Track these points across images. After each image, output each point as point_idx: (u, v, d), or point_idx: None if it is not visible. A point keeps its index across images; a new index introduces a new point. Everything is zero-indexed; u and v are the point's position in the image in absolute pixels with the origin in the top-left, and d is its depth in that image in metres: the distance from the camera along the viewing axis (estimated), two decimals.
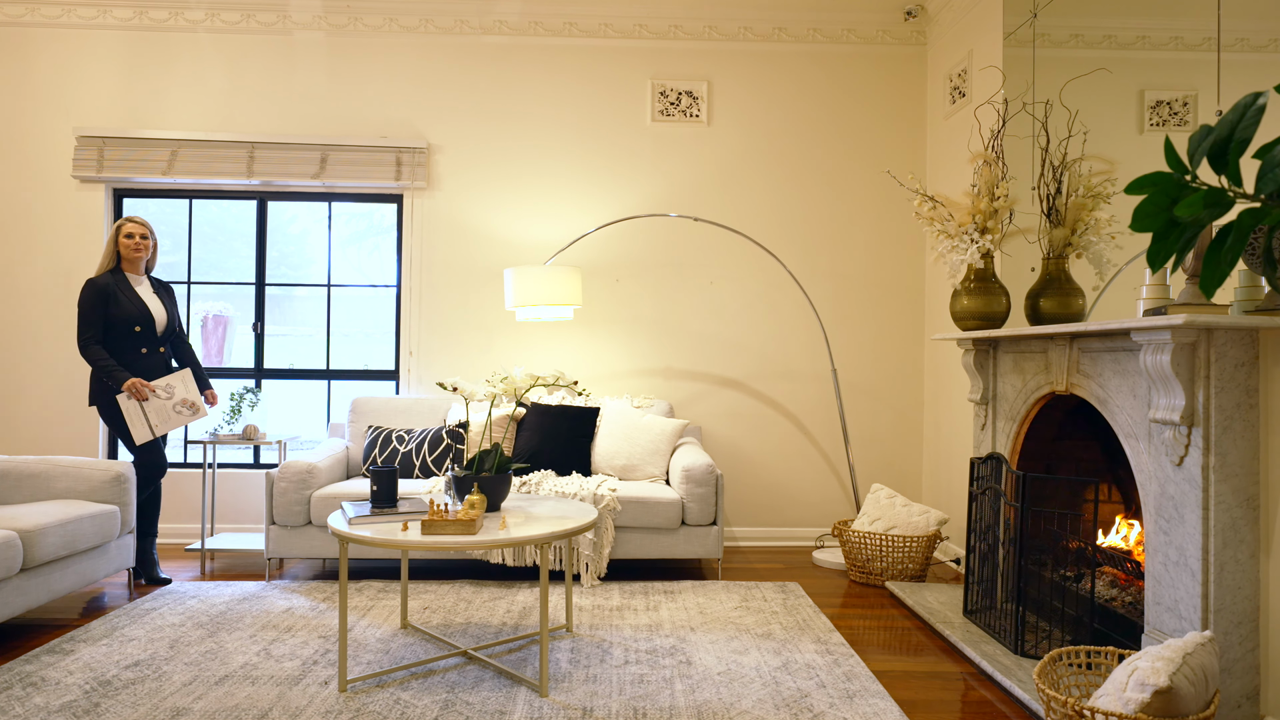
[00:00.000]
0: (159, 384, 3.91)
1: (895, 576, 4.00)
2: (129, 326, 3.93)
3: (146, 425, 3.85)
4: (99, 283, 3.92)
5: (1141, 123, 3.77)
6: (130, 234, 4.00)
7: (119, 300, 3.92)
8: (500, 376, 3.05)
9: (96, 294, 3.89)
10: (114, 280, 3.96)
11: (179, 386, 3.95)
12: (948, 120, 4.74)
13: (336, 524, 2.74)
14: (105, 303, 3.90)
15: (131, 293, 3.97)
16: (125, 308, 3.93)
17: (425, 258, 4.94)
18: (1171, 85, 3.70)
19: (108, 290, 3.92)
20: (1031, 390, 3.37)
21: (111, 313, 3.91)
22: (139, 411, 3.84)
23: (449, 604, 3.59)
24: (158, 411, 3.87)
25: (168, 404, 3.90)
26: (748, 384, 4.98)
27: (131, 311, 3.94)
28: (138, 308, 3.96)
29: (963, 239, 3.73)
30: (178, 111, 4.88)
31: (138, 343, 3.96)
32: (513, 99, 4.95)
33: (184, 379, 3.96)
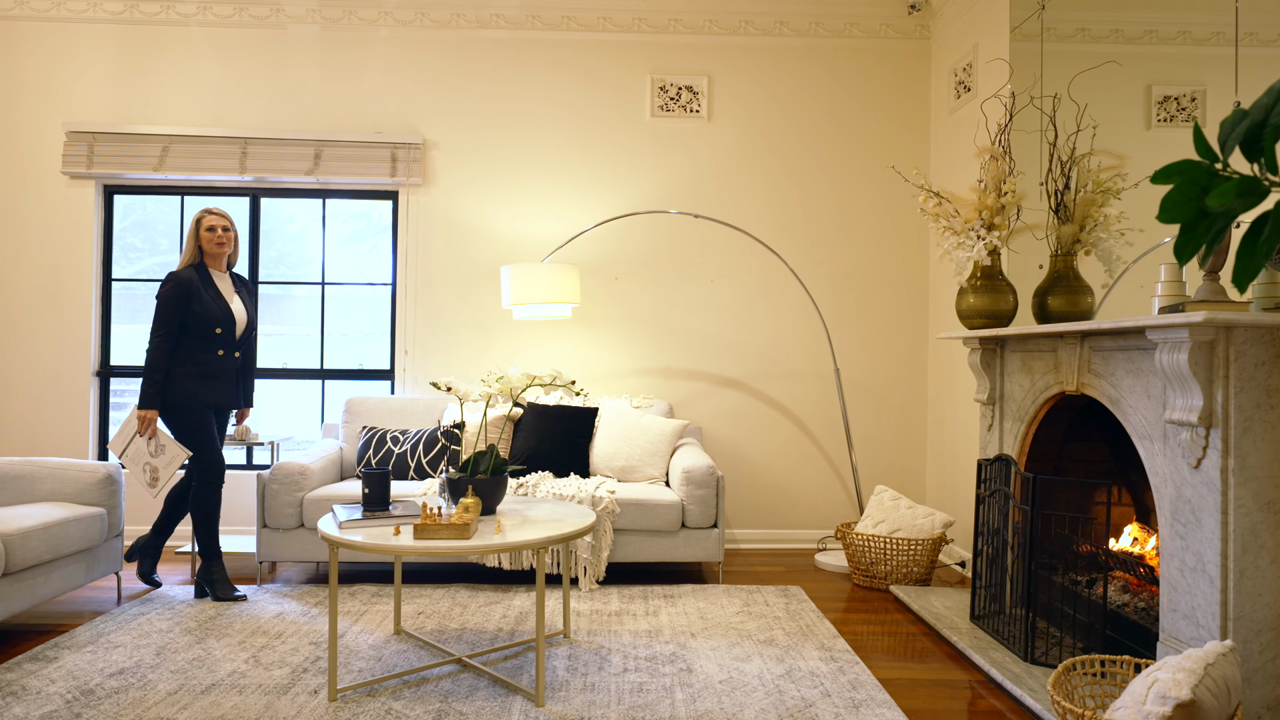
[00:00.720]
0: (161, 438, 3.59)
1: (899, 580, 3.92)
2: (209, 327, 3.65)
3: (123, 447, 3.61)
4: (183, 278, 3.62)
5: (1149, 118, 3.69)
6: (212, 226, 3.70)
7: (201, 298, 3.64)
8: (496, 376, 2.97)
9: (179, 291, 3.59)
10: (197, 277, 3.68)
11: (165, 457, 3.59)
12: (952, 115, 4.66)
13: (326, 528, 2.66)
14: (187, 301, 3.61)
15: (214, 290, 3.69)
16: (208, 306, 3.64)
17: (421, 255, 4.86)
18: (1179, 80, 3.63)
19: (191, 287, 3.62)
20: (1040, 390, 3.30)
21: (194, 311, 3.62)
22: (129, 435, 3.61)
23: (443, 609, 3.51)
24: (135, 451, 3.60)
25: (144, 456, 3.59)
26: (748, 383, 4.90)
27: (214, 311, 3.66)
28: (219, 307, 3.68)
29: (969, 236, 3.65)
30: (169, 106, 4.80)
31: (216, 344, 3.68)
32: (510, 94, 4.87)
33: (175, 457, 3.59)
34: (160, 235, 5.11)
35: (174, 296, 3.59)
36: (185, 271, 3.67)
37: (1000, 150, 3.67)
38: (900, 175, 4.79)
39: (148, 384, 3.57)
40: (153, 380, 3.56)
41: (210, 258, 3.75)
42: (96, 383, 4.83)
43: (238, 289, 3.84)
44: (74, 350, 4.76)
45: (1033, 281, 3.66)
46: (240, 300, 3.82)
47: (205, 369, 3.67)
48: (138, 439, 3.61)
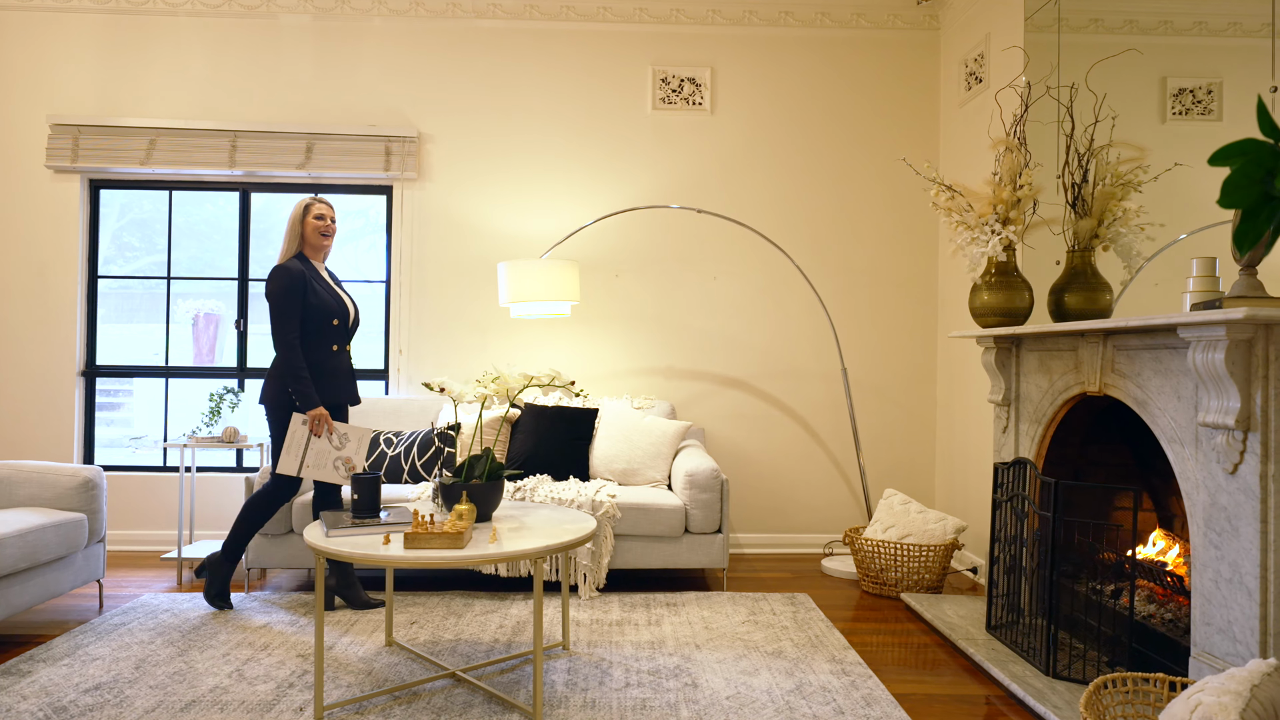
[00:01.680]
0: (340, 428, 3.36)
1: (910, 587, 3.79)
2: (326, 320, 3.40)
3: (300, 460, 3.30)
4: (294, 269, 3.35)
5: (1164, 111, 3.57)
6: (321, 215, 3.45)
7: (315, 290, 3.39)
8: (492, 376, 2.84)
9: (294, 282, 3.32)
10: (306, 269, 3.41)
11: (353, 443, 3.36)
12: (962, 108, 4.52)
13: (313, 536, 2.52)
14: (303, 292, 3.35)
15: (324, 282, 3.46)
16: (323, 298, 3.39)
17: (416, 252, 4.72)
18: (1195, 72, 3.51)
19: (304, 278, 3.36)
20: (1059, 391, 3.16)
21: (310, 303, 3.36)
22: (302, 443, 3.29)
23: (437, 618, 3.37)
24: (318, 454, 3.31)
25: (330, 453, 3.33)
26: (753, 384, 4.77)
27: (329, 303, 3.41)
28: (334, 299, 3.44)
29: (983, 230, 3.52)
30: (157, 98, 4.66)
31: (332, 339, 3.44)
32: (507, 86, 4.74)
33: (361, 438, 3.37)
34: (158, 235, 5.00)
35: (291, 288, 3.32)
36: (292, 262, 3.39)
37: (1015, 141, 3.54)
38: (911, 168, 4.64)
39: (300, 385, 3.30)
40: (301, 379, 3.30)
41: (312, 249, 3.48)
42: (82, 382, 4.69)
43: (337, 284, 3.60)
44: (59, 349, 4.62)
45: (1048, 278, 3.53)
46: (345, 295, 3.58)
47: (324, 366, 3.42)
48: (315, 442, 3.31)
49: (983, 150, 4.27)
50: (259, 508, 3.46)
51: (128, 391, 10.13)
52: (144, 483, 4.63)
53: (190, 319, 4.73)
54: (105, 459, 5.14)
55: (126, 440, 5.91)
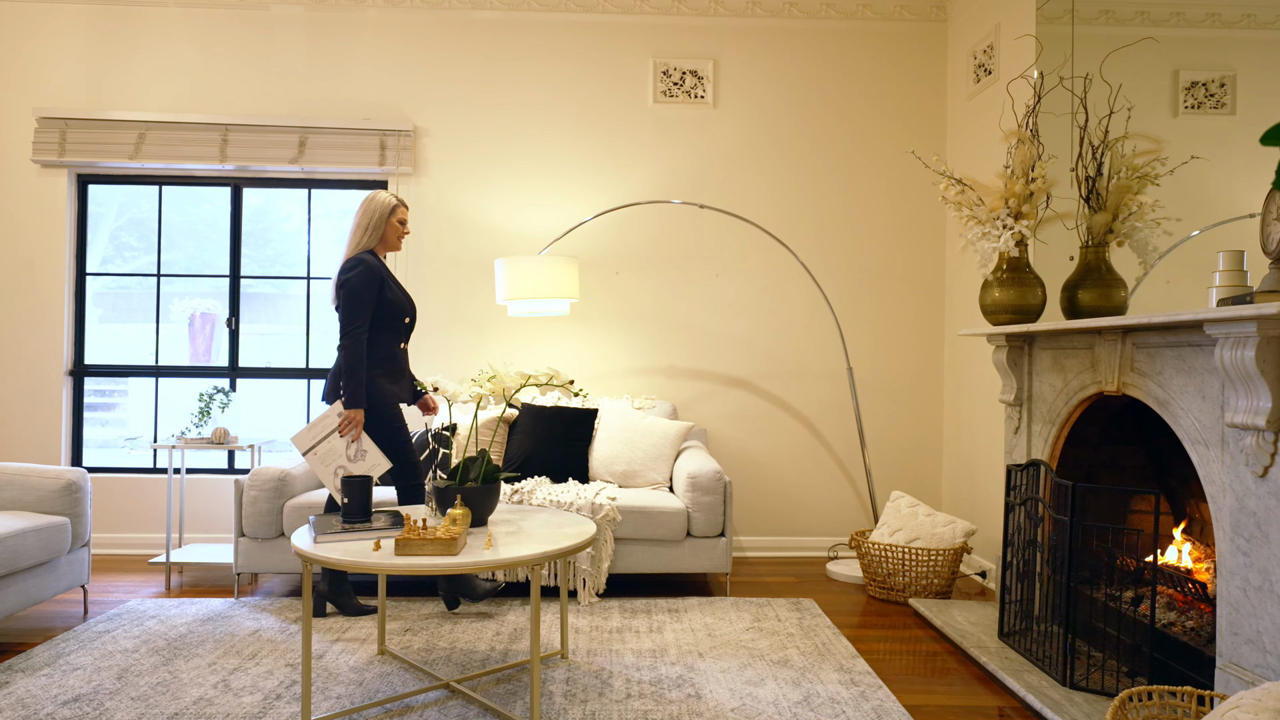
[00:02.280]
0: (365, 442, 3.16)
1: (919, 593, 3.68)
2: (399, 317, 3.32)
3: (312, 444, 3.12)
4: (373, 263, 3.25)
5: (1176, 105, 3.47)
6: (404, 219, 3.41)
7: (390, 286, 3.31)
8: (487, 375, 2.73)
9: (373, 276, 3.24)
10: (380, 262, 3.34)
11: (365, 465, 3.15)
12: (971, 101, 4.42)
13: (300, 542, 2.42)
14: (380, 287, 3.27)
15: (394, 280, 3.38)
16: (397, 295, 3.33)
17: (411, 249, 4.62)
18: (1208, 65, 3.42)
19: (383, 273, 3.29)
20: (1074, 391, 3.06)
21: (385, 299, 3.27)
22: (324, 431, 3.12)
23: (432, 625, 3.27)
24: (329, 451, 3.12)
25: (340, 457, 3.13)
26: (756, 383, 4.67)
27: (402, 300, 3.35)
28: (406, 296, 3.40)
29: (994, 225, 3.41)
30: (146, 91, 4.55)
31: (400, 336, 3.36)
32: (505, 79, 4.63)
33: (374, 467, 3.16)
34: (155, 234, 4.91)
35: (370, 282, 3.21)
36: (369, 255, 3.28)
37: (1028, 133, 3.44)
38: (921, 161, 4.52)
39: (352, 381, 3.17)
40: (357, 376, 3.17)
41: (385, 247, 3.40)
42: (70, 382, 4.58)
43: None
44: (46, 348, 4.51)
45: (1059, 274, 3.43)
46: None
47: (394, 364, 3.33)
48: (335, 438, 3.12)
49: (992, 144, 4.17)
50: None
51: (123, 391, 10.01)
52: (133, 485, 4.53)
53: (187, 319, 4.63)
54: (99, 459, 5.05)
55: (121, 441, 5.79)
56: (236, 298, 4.68)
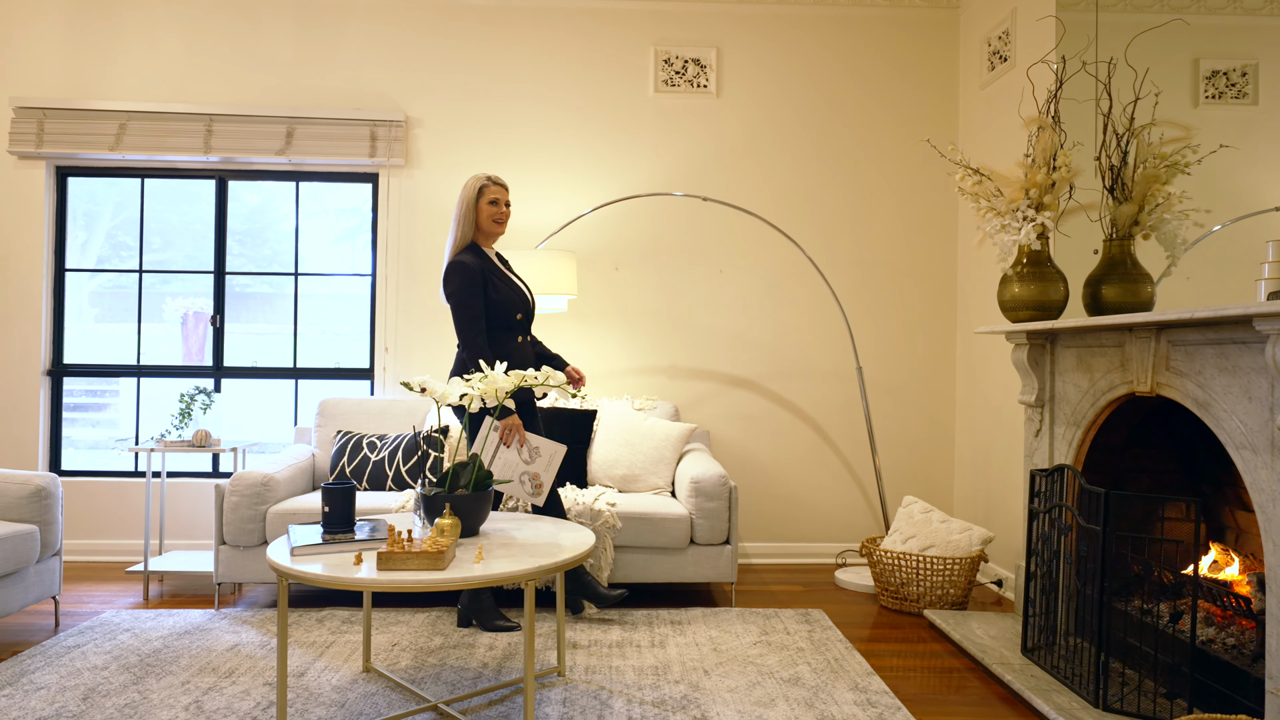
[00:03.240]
0: (531, 441, 2.99)
1: (933, 603, 3.51)
2: (510, 314, 3.13)
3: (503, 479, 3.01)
4: (471, 266, 3.08)
5: (1196, 95, 3.31)
6: (495, 199, 3.14)
7: (494, 283, 3.11)
8: (480, 375, 2.56)
9: (472, 278, 3.06)
10: (481, 260, 3.13)
11: (543, 458, 2.98)
12: (984, 90, 4.25)
13: (276, 555, 2.24)
14: (484, 287, 3.09)
15: (501, 273, 3.17)
16: (504, 292, 3.12)
17: (403, 243, 4.44)
18: (1229, 54, 3.26)
19: (483, 272, 3.10)
20: (1101, 391, 2.89)
21: (490, 299, 3.09)
22: (490, 451, 3.01)
23: (422, 639, 3.09)
24: (505, 465, 2.99)
25: (518, 466, 2.99)
26: (761, 383, 4.49)
27: (510, 296, 3.13)
28: (515, 291, 3.16)
29: (1014, 217, 3.24)
30: (127, 80, 4.38)
31: (516, 332, 3.17)
32: (500, 68, 4.46)
33: (553, 455, 2.99)
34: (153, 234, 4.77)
35: (471, 287, 3.05)
36: (468, 256, 3.11)
37: (1049, 120, 3.27)
38: (936, 150, 4.30)
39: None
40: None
41: (484, 236, 3.19)
42: (47, 382, 4.40)
43: (509, 270, 3.29)
44: (22, 346, 4.33)
45: (1080, 269, 3.26)
46: (518, 279, 3.28)
47: (513, 363, 3.15)
48: (503, 452, 2.99)
49: (1007, 134, 4.00)
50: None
51: (114, 392, 9.80)
52: (114, 489, 4.35)
53: (180, 318, 4.47)
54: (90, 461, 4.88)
55: (113, 442, 5.60)
56: (222, 295, 4.50)
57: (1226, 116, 3.16)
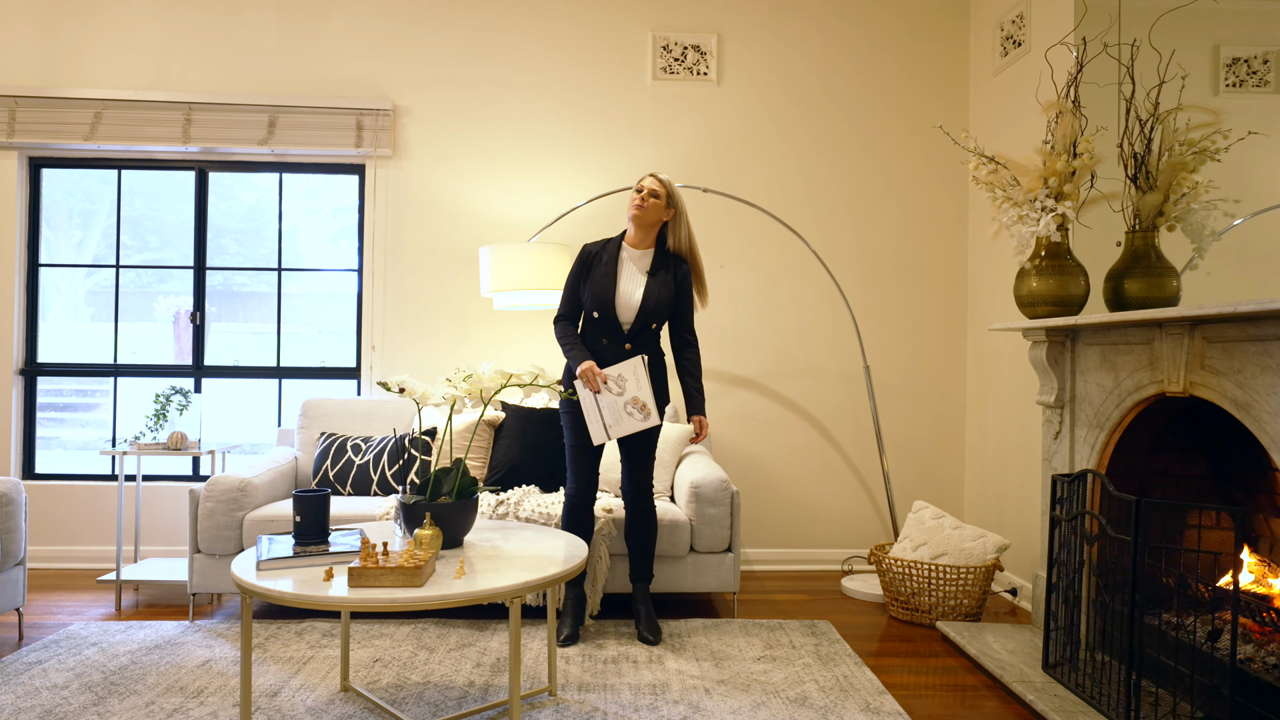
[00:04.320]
0: (610, 372, 2.93)
1: (946, 614, 3.34)
2: (590, 310, 3.05)
3: (601, 424, 2.94)
4: (588, 249, 3.12)
5: (1216, 83, 3.15)
6: (639, 187, 3.05)
7: (595, 275, 3.04)
8: (463, 374, 2.38)
9: (576, 261, 3.12)
10: (606, 248, 3.09)
11: (630, 380, 2.91)
12: (996, 76, 4.07)
13: (240, 570, 2.07)
14: (580, 275, 3.08)
15: (611, 268, 3.05)
16: (592, 285, 3.04)
17: (391, 237, 4.26)
18: (1251, 40, 3.10)
19: (587, 260, 3.09)
20: (1128, 391, 2.71)
21: (582, 288, 3.07)
22: (594, 405, 2.93)
23: (405, 654, 2.92)
24: (610, 410, 2.92)
25: (618, 401, 2.92)
26: (764, 383, 4.32)
27: (596, 291, 3.03)
28: (602, 288, 3.03)
29: (1033, 208, 3.07)
30: (103, 67, 4.20)
31: (599, 332, 3.05)
32: (492, 54, 4.28)
33: (635, 370, 2.91)
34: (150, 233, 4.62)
35: (571, 269, 3.12)
36: (597, 242, 3.14)
37: (1069, 104, 3.09)
38: (949, 137, 4.10)
39: (564, 352, 3.07)
40: (562, 347, 3.08)
41: (631, 224, 3.07)
42: (20, 382, 4.23)
43: (657, 269, 3.07)
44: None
45: (1100, 263, 3.09)
46: (649, 282, 3.04)
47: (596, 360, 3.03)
48: (602, 399, 2.93)
49: (1020, 122, 3.82)
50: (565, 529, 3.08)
51: (105, 391, 9.63)
52: (89, 494, 4.18)
53: (172, 316, 4.31)
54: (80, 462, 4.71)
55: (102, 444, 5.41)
56: (202, 290, 4.32)
57: (1247, 105, 3.01)
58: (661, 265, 3.07)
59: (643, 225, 3.04)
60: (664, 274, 3.06)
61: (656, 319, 3.06)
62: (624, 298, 3.03)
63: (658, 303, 3.02)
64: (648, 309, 3.02)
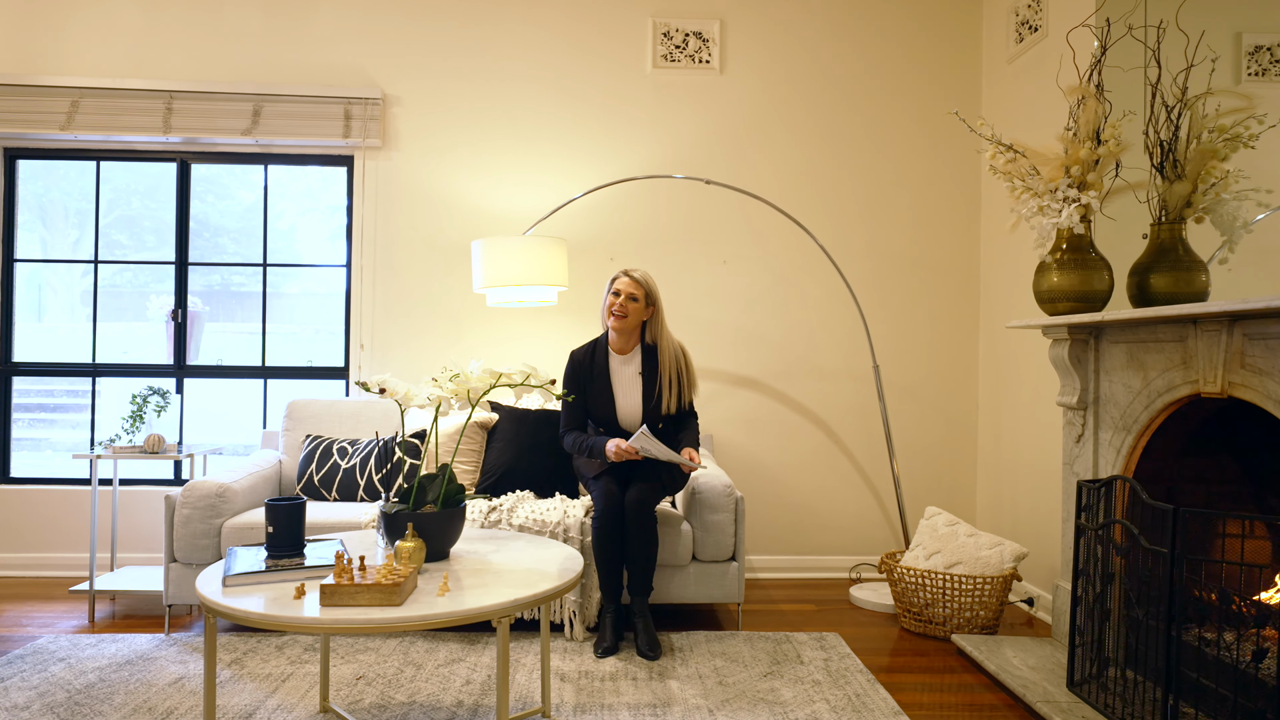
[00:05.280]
0: (634, 444, 2.90)
1: (961, 626, 3.17)
2: (597, 425, 3.10)
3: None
4: (575, 358, 3.09)
5: (1238, 71, 2.99)
6: (617, 290, 3.02)
7: (586, 392, 3.07)
8: (450, 373, 2.22)
9: (567, 372, 3.10)
10: (594, 359, 3.08)
11: (651, 448, 2.90)
12: (1011, 64, 3.91)
13: (205, 586, 1.90)
14: (573, 386, 3.08)
15: (604, 383, 3.06)
16: (590, 405, 3.06)
17: (381, 232, 4.10)
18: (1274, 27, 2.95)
19: (577, 369, 3.09)
20: (1158, 392, 2.55)
21: (585, 400, 3.08)
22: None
23: (391, 670, 2.75)
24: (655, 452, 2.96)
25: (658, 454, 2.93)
26: (767, 383, 4.16)
27: (593, 412, 3.07)
28: (600, 406, 3.06)
29: (1054, 198, 2.91)
30: (80, 53, 4.03)
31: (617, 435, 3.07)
32: (486, 41, 4.12)
33: (646, 439, 2.89)
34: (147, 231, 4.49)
35: (564, 379, 3.08)
36: (582, 348, 3.13)
37: (1093, 88, 2.93)
38: (965, 124, 3.89)
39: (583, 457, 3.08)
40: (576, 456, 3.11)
41: (613, 333, 3.08)
42: None
43: (648, 367, 3.06)
44: None
45: (1123, 257, 2.93)
46: (644, 384, 3.05)
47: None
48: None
49: (1036, 112, 3.66)
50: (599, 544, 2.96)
51: (99, 392, 9.49)
52: (66, 499, 4.01)
53: (165, 316, 4.15)
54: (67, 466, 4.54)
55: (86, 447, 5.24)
56: (184, 287, 4.16)
57: (1270, 94, 2.85)
58: (652, 360, 3.08)
59: (624, 332, 3.05)
60: (657, 370, 3.07)
61: (658, 416, 3.08)
62: (626, 412, 3.07)
63: (659, 400, 3.05)
64: (654, 411, 3.05)
